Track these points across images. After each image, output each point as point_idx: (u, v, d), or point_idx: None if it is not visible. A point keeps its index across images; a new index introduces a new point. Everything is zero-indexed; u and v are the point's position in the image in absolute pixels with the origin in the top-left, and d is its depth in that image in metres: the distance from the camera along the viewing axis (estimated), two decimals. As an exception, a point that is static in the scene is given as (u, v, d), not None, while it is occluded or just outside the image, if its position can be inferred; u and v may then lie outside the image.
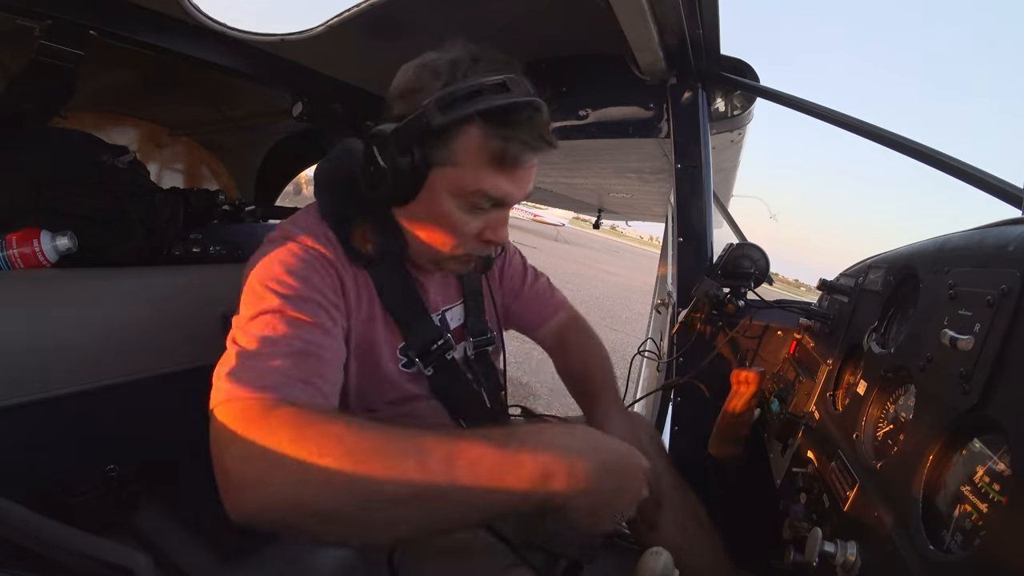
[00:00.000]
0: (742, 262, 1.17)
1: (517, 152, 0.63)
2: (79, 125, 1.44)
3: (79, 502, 0.77)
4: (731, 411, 1.00)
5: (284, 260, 0.63)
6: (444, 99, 0.60)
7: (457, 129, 0.61)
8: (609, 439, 0.57)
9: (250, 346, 0.55)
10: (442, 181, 0.64)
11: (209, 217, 1.48)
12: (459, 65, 0.63)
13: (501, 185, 0.65)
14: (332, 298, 0.65)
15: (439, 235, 0.69)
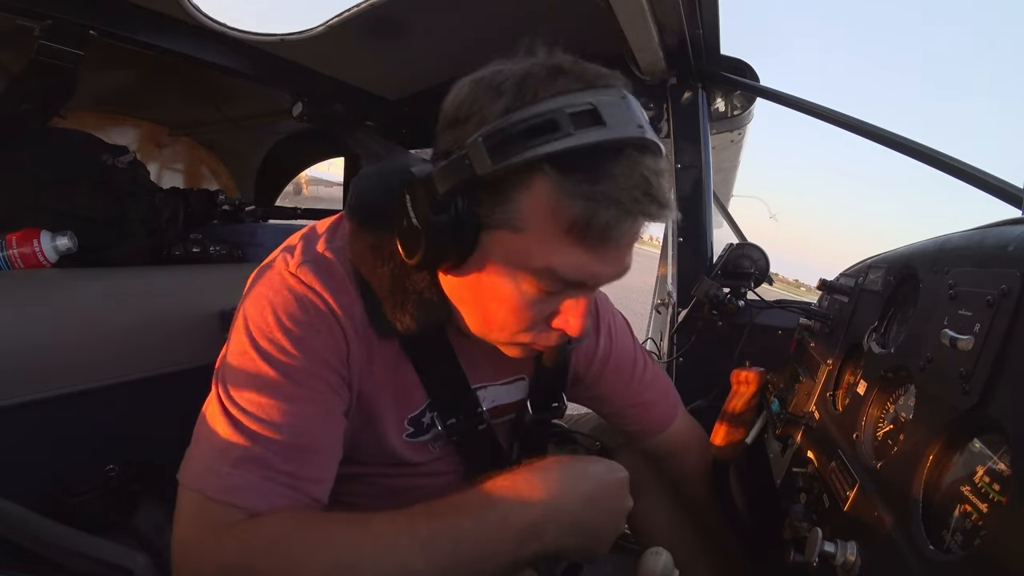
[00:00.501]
0: (742, 262, 1.17)
1: (609, 220, 0.43)
2: (79, 125, 1.44)
3: (79, 502, 0.77)
4: (731, 411, 1.00)
5: (282, 311, 0.51)
6: (494, 136, 0.42)
7: (517, 180, 0.43)
8: (586, 465, 0.52)
9: (235, 429, 0.47)
10: (498, 248, 0.47)
11: (209, 217, 1.48)
12: (529, 81, 0.44)
13: (584, 264, 0.46)
14: (335, 365, 0.53)
15: (493, 316, 0.52)
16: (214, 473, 0.45)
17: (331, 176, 11.81)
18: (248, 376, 0.49)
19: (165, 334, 0.91)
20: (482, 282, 0.49)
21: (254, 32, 1.17)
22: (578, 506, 0.48)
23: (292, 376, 0.49)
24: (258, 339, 0.50)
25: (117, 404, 0.86)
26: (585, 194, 0.42)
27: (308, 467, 0.48)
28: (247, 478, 0.45)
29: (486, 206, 0.45)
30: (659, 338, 1.62)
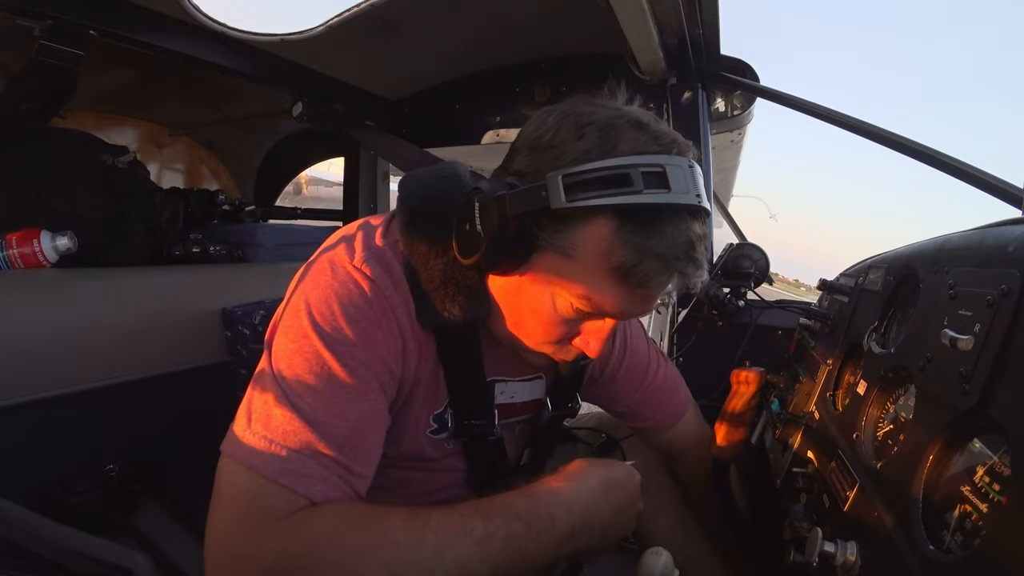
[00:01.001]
0: (742, 262, 1.17)
1: (651, 270, 0.49)
2: (79, 125, 1.44)
3: (79, 502, 0.77)
4: (731, 411, 1.00)
5: (349, 302, 0.53)
6: (573, 176, 0.47)
7: (581, 216, 0.48)
8: (613, 472, 0.56)
9: (295, 413, 0.47)
10: (546, 267, 0.52)
11: (209, 217, 1.48)
12: (612, 132, 0.49)
13: (619, 299, 0.52)
14: (391, 363, 0.55)
15: (525, 323, 0.57)
16: (273, 454, 0.45)
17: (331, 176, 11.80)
18: (308, 362, 0.50)
19: (165, 334, 0.91)
20: (523, 291, 0.55)
21: (254, 32, 1.17)
22: (610, 514, 0.53)
23: (352, 368, 0.51)
24: (322, 325, 0.51)
25: (117, 404, 0.86)
26: (637, 244, 0.48)
27: (359, 462, 0.50)
28: (308, 464, 0.45)
29: (546, 231, 0.50)
30: (659, 338, 1.62)
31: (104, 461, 0.82)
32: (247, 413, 0.49)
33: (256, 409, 0.48)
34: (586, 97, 0.54)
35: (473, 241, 0.52)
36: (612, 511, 0.53)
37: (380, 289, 0.55)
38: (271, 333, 0.56)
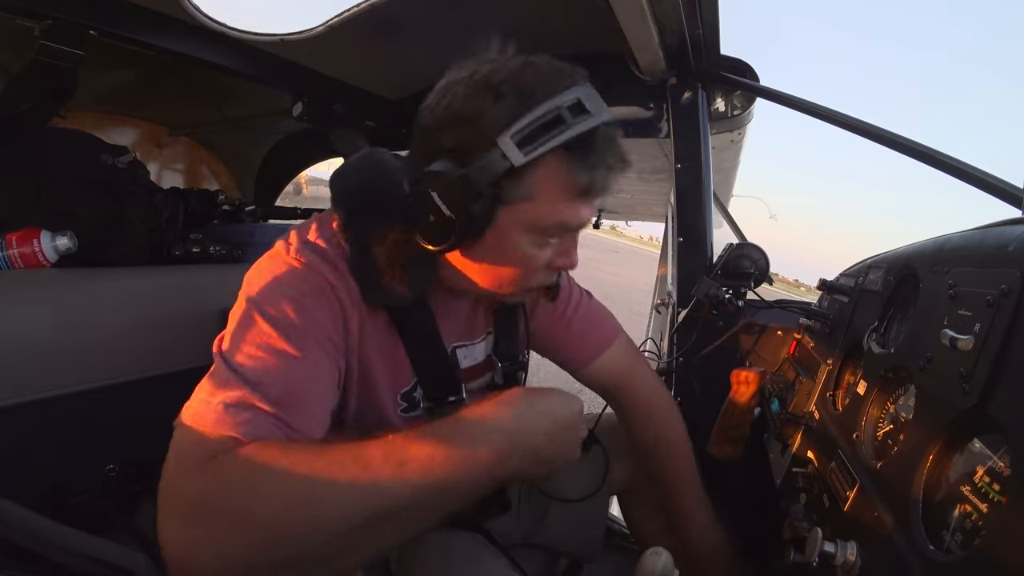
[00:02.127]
0: (742, 262, 1.17)
1: (604, 180, 0.57)
2: (79, 125, 1.44)
3: (79, 502, 0.77)
4: (731, 411, 1.00)
5: (286, 284, 0.57)
6: (519, 134, 0.52)
7: (535, 164, 0.53)
8: (545, 401, 0.55)
9: (234, 377, 0.50)
10: (513, 218, 0.56)
11: (209, 217, 1.48)
12: (525, 83, 0.54)
13: (580, 213, 0.59)
14: (331, 334, 0.59)
15: (504, 273, 0.61)
16: (210, 410, 0.48)
17: (331, 176, 11.79)
18: (250, 336, 0.53)
19: (165, 334, 0.91)
20: (495, 248, 0.59)
21: (254, 32, 1.17)
22: (540, 440, 0.52)
23: (291, 337, 0.54)
24: (262, 306, 0.55)
25: (117, 404, 0.86)
26: (586, 166, 0.55)
27: (298, 417, 0.51)
28: (240, 415, 0.48)
29: (506, 188, 0.55)
30: (659, 338, 1.62)
31: (104, 461, 0.82)
32: (196, 389, 0.51)
33: (203, 383, 0.51)
34: (463, 63, 0.58)
35: (445, 227, 0.55)
36: (544, 437, 0.52)
37: (314, 271, 0.59)
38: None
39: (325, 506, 0.43)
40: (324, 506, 0.43)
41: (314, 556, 0.44)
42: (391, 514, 0.45)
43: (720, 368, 1.17)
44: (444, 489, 0.47)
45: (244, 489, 0.43)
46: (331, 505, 0.43)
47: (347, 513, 0.43)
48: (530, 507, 1.01)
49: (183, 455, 0.46)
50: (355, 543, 0.45)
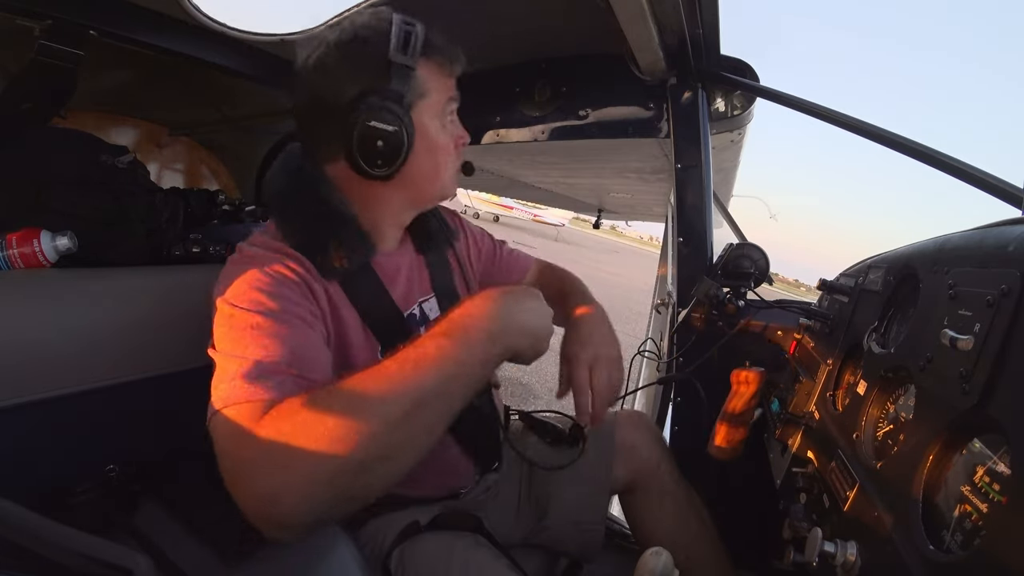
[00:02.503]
0: (742, 262, 1.17)
1: (454, 58, 0.75)
2: (79, 125, 1.43)
3: (79, 502, 0.77)
4: (731, 411, 1.00)
5: (254, 280, 0.64)
6: (399, 46, 0.67)
7: (413, 73, 0.69)
8: (514, 288, 0.65)
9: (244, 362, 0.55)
10: (425, 115, 0.72)
11: (209, 217, 1.48)
12: (367, 24, 0.70)
13: (453, 84, 0.77)
14: (309, 307, 0.66)
15: (440, 163, 0.77)
16: (238, 389, 0.53)
17: (331, 176, 11.77)
18: (239, 328, 0.59)
19: (165, 334, 0.91)
20: (428, 148, 0.73)
21: (254, 32, 1.17)
22: (522, 317, 0.62)
23: (275, 316, 0.60)
24: (239, 303, 0.61)
25: (117, 404, 0.85)
26: (442, 54, 0.73)
27: (312, 373, 0.58)
28: (264, 383, 0.54)
29: (411, 94, 0.70)
30: (659, 338, 1.62)
31: (104, 461, 0.82)
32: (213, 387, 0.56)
33: (218, 377, 0.56)
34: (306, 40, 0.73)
35: (396, 141, 0.68)
36: (523, 314, 0.62)
37: (266, 259, 0.67)
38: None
39: (369, 417, 0.50)
40: (368, 417, 0.50)
41: (376, 459, 0.50)
42: (422, 404, 0.52)
43: (720, 368, 1.17)
44: (457, 372, 0.55)
45: (303, 429, 0.49)
46: (373, 415, 0.50)
47: (388, 414, 0.51)
48: (530, 507, 1.01)
49: (235, 430, 0.51)
50: (403, 437, 0.52)
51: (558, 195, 3.42)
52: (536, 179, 2.65)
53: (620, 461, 1.02)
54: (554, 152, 1.76)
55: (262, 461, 0.49)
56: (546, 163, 2.09)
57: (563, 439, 1.05)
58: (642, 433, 1.06)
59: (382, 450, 0.50)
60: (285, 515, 0.48)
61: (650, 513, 1.01)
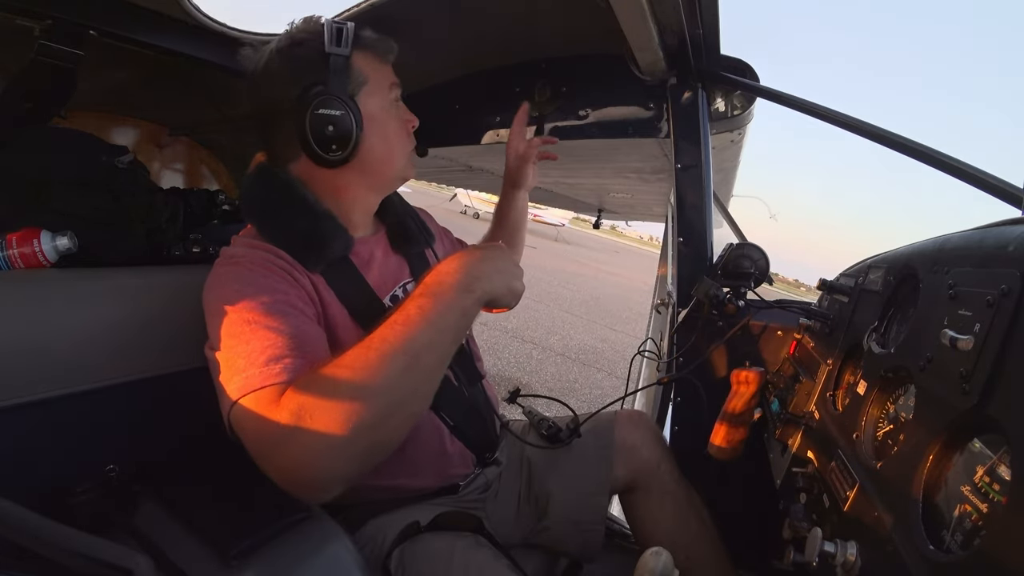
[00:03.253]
0: (742, 262, 1.17)
1: (387, 47, 0.82)
2: (79, 125, 1.43)
3: (79, 502, 0.77)
4: (731, 411, 1.00)
5: (243, 277, 0.69)
6: (334, 38, 0.74)
7: (349, 64, 0.76)
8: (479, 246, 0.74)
9: (251, 352, 0.61)
10: (370, 102, 0.78)
11: (209, 217, 1.48)
12: (300, 32, 0.77)
13: (390, 73, 0.83)
14: (297, 294, 0.71)
15: (392, 144, 0.82)
16: (251, 378, 0.59)
17: (331, 176, 11.77)
18: (240, 325, 0.63)
19: (165, 334, 0.91)
20: (380, 131, 0.80)
21: (254, 32, 1.17)
22: (491, 267, 0.67)
23: (269, 307, 0.65)
24: (233, 301, 0.65)
25: (117, 404, 0.85)
26: (375, 45, 0.80)
27: (314, 355, 0.64)
28: (274, 368, 0.59)
29: (352, 84, 0.77)
30: (659, 338, 1.62)
31: (104, 461, 0.81)
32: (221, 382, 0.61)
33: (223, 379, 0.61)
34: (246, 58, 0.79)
35: (344, 125, 0.74)
36: (492, 266, 0.67)
37: (249, 257, 0.72)
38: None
39: (372, 378, 0.57)
40: (371, 379, 0.57)
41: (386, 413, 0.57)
42: (416, 356, 0.59)
43: (720, 368, 1.17)
44: (440, 323, 0.61)
45: (318, 401, 0.55)
46: (375, 376, 0.57)
47: (389, 373, 0.57)
48: (530, 507, 1.01)
49: (258, 414, 0.57)
50: (407, 389, 0.59)
51: (558, 195, 3.42)
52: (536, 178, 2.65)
53: (620, 461, 1.02)
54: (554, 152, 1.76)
55: (288, 437, 0.55)
56: (546, 163, 2.09)
57: (560, 436, 1.05)
58: (642, 433, 1.07)
59: (390, 404, 0.57)
60: (318, 479, 0.56)
61: (650, 513, 1.02)
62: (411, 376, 0.59)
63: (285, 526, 0.65)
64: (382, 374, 0.57)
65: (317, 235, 0.76)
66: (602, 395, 4.12)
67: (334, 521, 0.70)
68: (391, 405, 0.57)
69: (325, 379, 0.57)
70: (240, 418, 0.59)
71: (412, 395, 0.60)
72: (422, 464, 0.86)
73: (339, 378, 0.57)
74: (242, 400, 0.58)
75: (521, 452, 1.04)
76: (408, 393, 0.59)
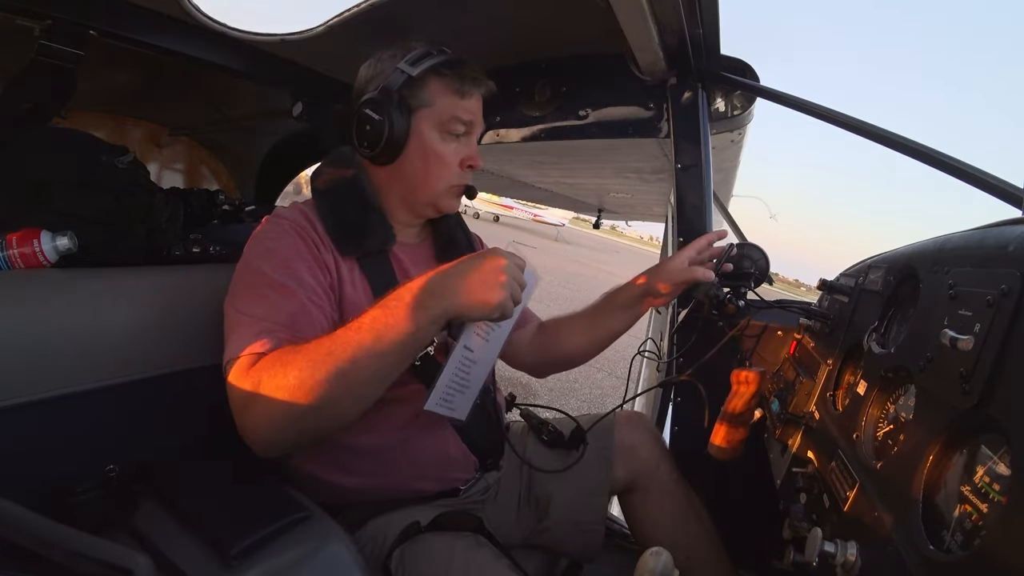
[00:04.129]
0: (742, 262, 1.17)
1: (469, 85, 0.84)
2: (79, 125, 1.44)
3: (79, 502, 0.77)
4: (731, 411, 1.00)
5: (267, 234, 0.77)
6: (412, 60, 0.81)
7: (426, 79, 0.81)
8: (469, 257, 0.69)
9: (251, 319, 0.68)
10: (423, 122, 0.83)
11: (209, 217, 1.48)
12: (401, 47, 0.84)
13: (465, 106, 0.84)
14: (313, 258, 0.76)
15: (432, 170, 0.84)
16: (240, 344, 0.67)
17: (331, 176, 11.78)
18: (249, 284, 0.72)
19: (165, 334, 0.91)
20: (421, 152, 0.83)
21: (254, 32, 1.17)
22: (457, 282, 0.66)
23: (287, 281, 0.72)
24: (252, 259, 0.74)
25: (117, 404, 0.85)
26: (457, 75, 0.83)
27: (305, 330, 0.70)
28: (261, 339, 0.66)
29: (412, 98, 0.82)
30: (659, 338, 1.62)
31: (104, 461, 0.81)
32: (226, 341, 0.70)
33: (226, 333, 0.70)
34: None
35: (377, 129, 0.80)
36: (456, 282, 0.66)
37: (287, 219, 0.79)
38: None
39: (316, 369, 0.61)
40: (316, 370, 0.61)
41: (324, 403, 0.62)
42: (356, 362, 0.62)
43: (720, 368, 1.17)
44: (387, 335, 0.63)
45: (272, 378, 0.62)
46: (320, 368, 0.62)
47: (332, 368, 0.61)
48: (530, 508, 1.01)
49: (233, 378, 0.65)
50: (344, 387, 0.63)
51: (558, 195, 3.42)
52: (536, 179, 2.65)
53: (619, 461, 1.02)
54: (554, 152, 1.76)
55: (244, 403, 0.64)
56: (546, 163, 2.09)
57: (562, 442, 1.05)
58: (641, 433, 1.07)
59: (328, 397, 0.62)
60: (263, 443, 0.64)
61: (649, 514, 1.02)
62: (346, 380, 0.62)
63: (285, 526, 0.65)
64: (322, 371, 0.61)
65: (360, 223, 0.82)
66: (602, 395, 4.12)
67: (334, 521, 0.70)
68: (322, 400, 0.62)
69: (281, 361, 0.63)
70: (226, 376, 0.67)
71: (347, 394, 0.63)
72: (425, 464, 0.86)
73: (290, 364, 0.62)
74: (229, 362, 0.67)
75: (521, 453, 1.04)
76: (344, 391, 0.63)
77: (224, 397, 0.67)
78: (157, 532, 0.64)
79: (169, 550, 0.61)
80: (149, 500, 0.72)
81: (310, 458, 0.83)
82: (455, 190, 0.88)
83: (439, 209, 0.90)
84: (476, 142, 0.89)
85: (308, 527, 0.67)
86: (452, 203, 0.90)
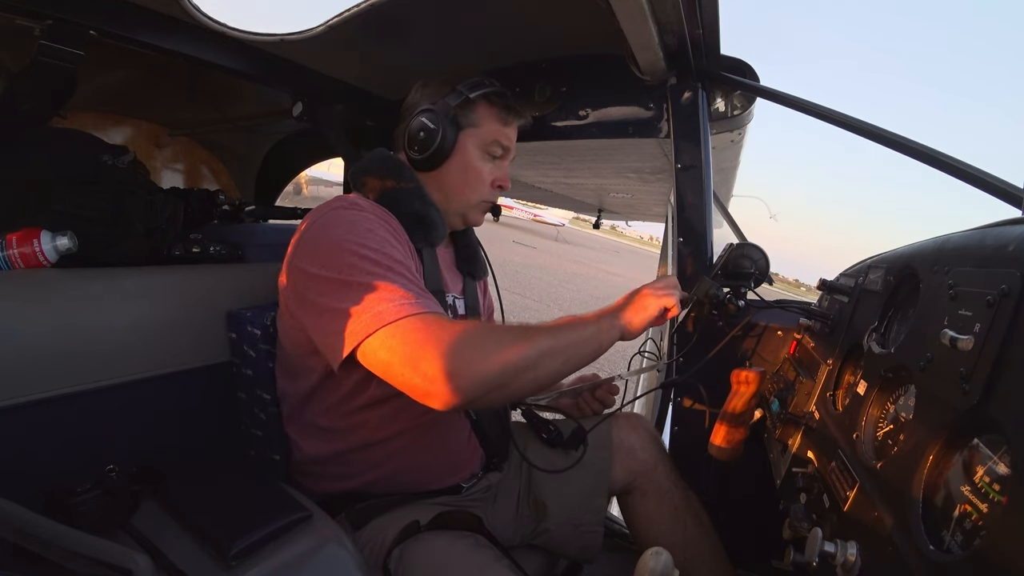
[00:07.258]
0: (742, 262, 1.17)
1: (513, 115, 0.96)
2: (79, 125, 1.44)
3: (79, 502, 0.77)
4: (731, 411, 1.00)
5: (358, 221, 0.78)
6: (469, 84, 0.92)
7: (478, 103, 0.93)
8: (645, 286, 0.87)
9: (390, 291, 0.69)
10: (469, 140, 0.93)
11: (209, 217, 1.48)
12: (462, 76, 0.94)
13: (507, 133, 0.96)
14: (403, 245, 0.82)
15: (469, 183, 0.94)
16: (399, 307, 0.68)
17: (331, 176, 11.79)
18: (377, 263, 0.72)
19: (165, 334, 0.91)
20: (463, 166, 0.93)
21: (254, 32, 1.16)
22: (627, 313, 0.82)
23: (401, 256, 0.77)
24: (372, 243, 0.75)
25: (117, 404, 0.86)
26: (504, 104, 0.95)
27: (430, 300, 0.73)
28: (417, 302, 0.69)
29: (463, 117, 0.93)
30: (659, 338, 1.62)
31: (104, 461, 0.81)
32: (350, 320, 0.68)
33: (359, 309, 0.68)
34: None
35: (430, 136, 0.89)
36: (627, 312, 0.83)
37: (370, 210, 0.81)
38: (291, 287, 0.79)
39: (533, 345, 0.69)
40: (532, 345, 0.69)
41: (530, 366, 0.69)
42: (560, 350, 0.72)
43: (720, 368, 1.17)
44: (587, 337, 0.76)
45: (484, 338, 0.68)
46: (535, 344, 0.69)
47: (544, 346, 0.70)
48: (530, 509, 1.01)
49: (412, 334, 0.66)
50: (550, 363, 0.71)
51: (558, 195, 3.41)
52: (536, 179, 2.64)
53: (618, 462, 1.02)
54: (554, 152, 1.76)
55: (452, 351, 0.64)
56: (546, 163, 2.09)
57: (562, 441, 1.05)
58: (640, 434, 1.07)
59: (532, 363, 0.68)
60: (459, 389, 0.64)
61: (648, 514, 1.02)
62: (555, 357, 0.71)
63: (285, 526, 0.65)
64: (538, 346, 0.69)
65: (427, 216, 0.88)
66: (602, 395, 4.11)
67: (334, 521, 0.70)
68: (531, 364, 0.68)
69: (492, 330, 0.72)
70: (387, 340, 0.66)
71: (547, 368, 0.70)
72: (436, 463, 0.87)
73: (506, 334, 0.70)
74: (392, 324, 0.66)
75: (521, 454, 1.04)
76: (546, 365, 0.70)
77: (224, 397, 0.67)
78: (157, 532, 0.64)
79: (169, 550, 0.61)
80: (149, 500, 0.72)
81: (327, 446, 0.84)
82: (484, 205, 0.98)
83: (467, 221, 0.99)
84: (507, 167, 0.99)
85: (308, 527, 0.67)
86: (479, 217, 1.00)
